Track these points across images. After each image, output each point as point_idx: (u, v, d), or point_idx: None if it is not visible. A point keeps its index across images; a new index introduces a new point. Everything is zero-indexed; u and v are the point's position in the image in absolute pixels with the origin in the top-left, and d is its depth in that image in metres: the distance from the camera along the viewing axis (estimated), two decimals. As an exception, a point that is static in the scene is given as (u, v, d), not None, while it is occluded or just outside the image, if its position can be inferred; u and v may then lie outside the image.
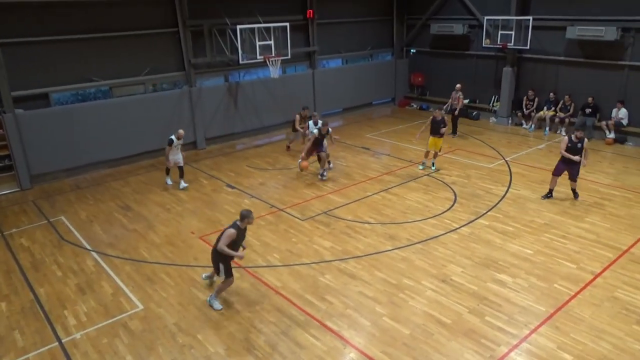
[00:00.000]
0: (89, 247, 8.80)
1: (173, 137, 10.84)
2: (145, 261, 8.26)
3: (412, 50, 19.60)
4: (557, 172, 10.11)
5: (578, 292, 7.02)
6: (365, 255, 8.20)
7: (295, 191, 10.99)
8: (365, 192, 10.86)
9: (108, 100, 12.87)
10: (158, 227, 9.49)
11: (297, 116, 13.48)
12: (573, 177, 10.02)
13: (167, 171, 11.49)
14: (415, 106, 19.57)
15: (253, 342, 6.18)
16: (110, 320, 6.68)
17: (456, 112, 14.95)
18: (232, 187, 11.40)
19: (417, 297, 7.02)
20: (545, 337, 6.12)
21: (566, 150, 9.80)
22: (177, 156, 11.09)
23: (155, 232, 9.29)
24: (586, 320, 6.40)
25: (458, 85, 15.02)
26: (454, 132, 15.10)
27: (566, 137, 9.96)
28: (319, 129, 11.44)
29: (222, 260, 6.64)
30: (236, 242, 6.55)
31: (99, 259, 8.37)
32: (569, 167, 9.91)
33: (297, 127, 13.45)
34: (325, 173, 11.71)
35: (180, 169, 11.19)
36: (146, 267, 8.07)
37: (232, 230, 6.43)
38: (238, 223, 6.53)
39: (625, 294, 6.95)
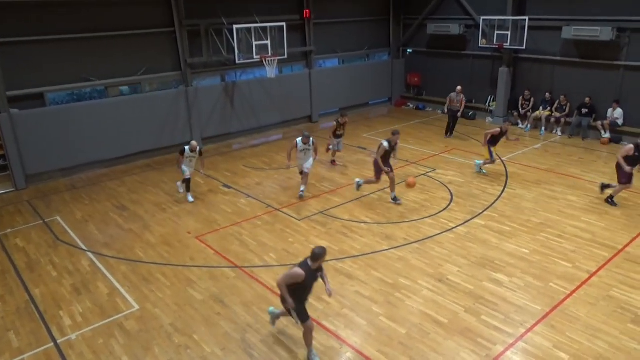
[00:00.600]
0: (84, 248, 8.77)
1: (186, 147, 10.20)
2: (141, 261, 8.23)
3: (408, 50, 19.62)
4: (630, 180, 9.71)
5: (574, 291, 7.04)
6: (361, 255, 8.20)
7: (291, 191, 10.97)
8: (362, 191, 10.85)
9: (103, 100, 12.83)
10: (154, 227, 9.46)
11: (334, 123, 12.36)
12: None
13: (188, 187, 10.50)
14: (411, 106, 19.59)
15: (249, 342, 6.17)
16: (106, 321, 6.66)
17: (459, 114, 14.90)
18: (229, 187, 11.38)
19: (414, 296, 7.02)
20: (541, 336, 6.13)
21: (630, 158, 9.49)
22: (191, 169, 10.42)
23: (151, 232, 9.26)
24: (582, 319, 6.42)
25: (459, 88, 14.85)
26: (450, 133, 15.07)
27: (632, 146, 9.55)
28: (389, 141, 9.79)
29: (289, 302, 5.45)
30: (304, 286, 5.42)
31: (94, 259, 8.34)
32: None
33: (331, 135, 12.34)
34: (397, 199, 10.16)
35: (185, 180, 10.54)
36: (142, 267, 8.05)
37: (298, 271, 5.28)
38: (309, 262, 5.40)
39: (621, 293, 6.97)
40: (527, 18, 14.86)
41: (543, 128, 15.38)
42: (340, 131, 12.44)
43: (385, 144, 9.73)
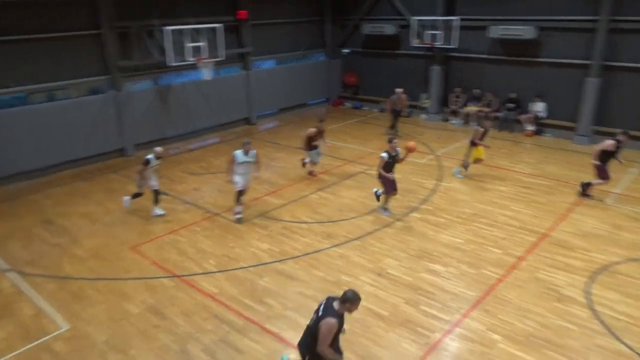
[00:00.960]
0: (5, 267, 8.12)
1: (151, 156, 9.29)
2: (71, 277, 7.74)
3: (345, 51, 19.89)
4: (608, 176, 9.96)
5: (505, 276, 7.40)
6: (303, 255, 8.18)
7: (231, 195, 10.70)
8: (302, 192, 10.85)
9: (25, 108, 11.95)
10: (84, 241, 8.93)
11: (312, 130, 11.20)
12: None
13: (136, 195, 9.81)
14: (349, 105, 19.86)
15: (190, 352, 5.98)
16: (31, 345, 6.19)
17: (402, 113, 15.16)
18: (166, 194, 10.96)
19: (355, 292, 7.09)
20: (477, 320, 6.40)
21: (613, 151, 9.74)
22: (152, 181, 9.54)
23: (81, 246, 8.74)
24: (513, 302, 6.76)
25: (399, 89, 15.13)
26: (395, 132, 15.26)
27: (613, 142, 9.76)
28: (388, 151, 9.15)
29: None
30: (336, 335, 4.75)
31: (17, 279, 7.74)
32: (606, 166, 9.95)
33: (310, 143, 11.21)
34: (387, 210, 9.62)
35: (155, 192, 9.72)
36: (72, 283, 7.57)
37: (332, 321, 4.56)
38: (336, 306, 4.65)
39: (547, 275, 7.42)
40: (456, 18, 15.48)
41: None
42: (318, 140, 11.42)
43: (384, 155, 9.18)
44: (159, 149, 9.57)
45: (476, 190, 10.74)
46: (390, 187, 9.41)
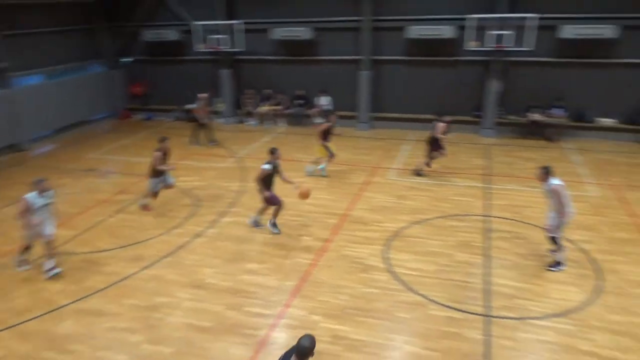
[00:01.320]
0: None
1: (32, 194, 7.13)
2: None
3: (126, 60, 18.49)
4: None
5: (316, 260, 7.90)
6: (109, 286, 7.34)
7: (3, 236, 8.97)
8: (97, 217, 9.71)
9: None
10: None
11: (158, 154, 9.54)
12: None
13: (26, 249, 7.69)
14: (139, 117, 18.61)
15: None
16: None
17: (204, 122, 14.57)
18: None
19: (175, 311, 6.69)
20: (298, 307, 6.68)
21: (446, 131, 11.33)
22: (46, 226, 7.37)
23: None
24: (326, 282, 7.27)
25: (204, 95, 14.70)
26: (198, 141, 14.67)
27: (444, 123, 11.20)
28: (271, 162, 8.54)
29: None
30: None
31: None
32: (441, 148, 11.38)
33: (159, 167, 9.54)
34: (275, 226, 8.88)
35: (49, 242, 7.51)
36: None
37: None
38: None
39: (351, 250, 8.18)
40: (239, 22, 15.76)
41: (267, 121, 16.81)
42: (166, 162, 9.87)
43: (267, 166, 8.51)
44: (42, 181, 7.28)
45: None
46: (276, 199, 8.79)
